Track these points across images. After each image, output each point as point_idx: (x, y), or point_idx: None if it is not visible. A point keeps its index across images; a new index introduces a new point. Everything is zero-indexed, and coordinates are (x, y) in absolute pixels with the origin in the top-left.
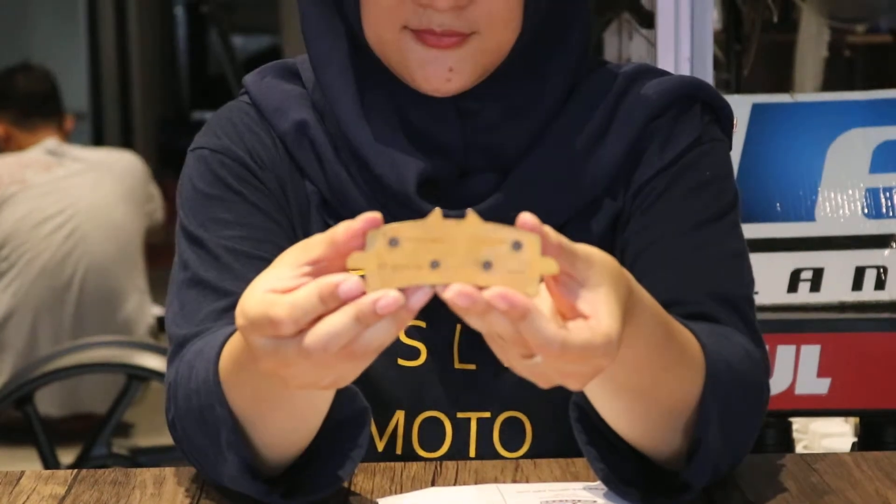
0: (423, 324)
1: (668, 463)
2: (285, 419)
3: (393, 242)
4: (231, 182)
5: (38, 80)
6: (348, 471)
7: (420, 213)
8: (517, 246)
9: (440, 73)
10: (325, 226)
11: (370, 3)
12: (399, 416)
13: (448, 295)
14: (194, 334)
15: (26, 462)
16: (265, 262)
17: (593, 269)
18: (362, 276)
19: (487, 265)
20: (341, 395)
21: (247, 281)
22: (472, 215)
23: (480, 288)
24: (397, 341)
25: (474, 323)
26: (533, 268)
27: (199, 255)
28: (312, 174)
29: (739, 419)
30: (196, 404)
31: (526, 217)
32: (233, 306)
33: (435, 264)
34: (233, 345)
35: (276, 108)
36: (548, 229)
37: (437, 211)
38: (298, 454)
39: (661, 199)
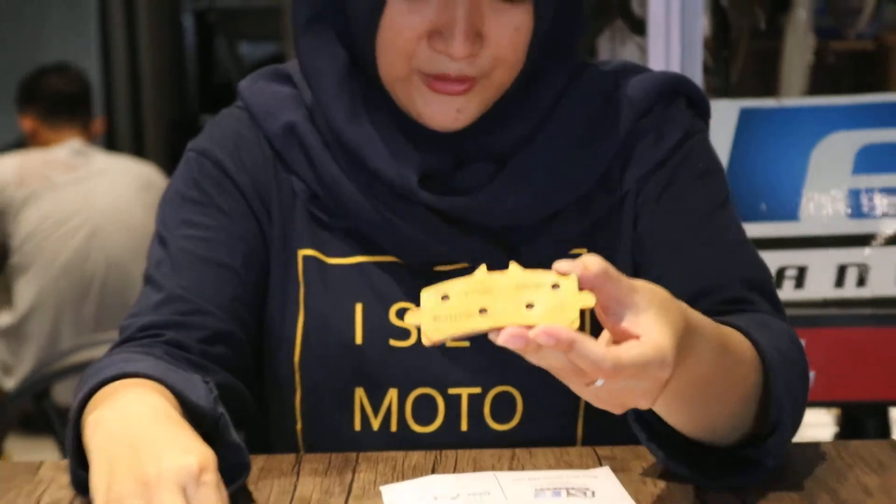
0: (412, 306)
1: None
2: None
3: (444, 298)
4: (205, 186)
5: (69, 80)
6: None
7: (421, 204)
8: (556, 287)
9: (448, 115)
10: (311, 217)
11: (385, 45)
12: (392, 394)
13: (501, 340)
14: (127, 326)
15: (45, 452)
16: (212, 263)
17: (639, 294)
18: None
19: (530, 306)
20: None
21: (188, 280)
22: (514, 266)
23: (528, 327)
24: (388, 323)
25: (534, 360)
26: (572, 303)
27: (159, 253)
28: (301, 172)
29: (798, 397)
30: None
31: (560, 265)
32: (167, 300)
33: (483, 311)
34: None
35: (266, 111)
36: (590, 262)
37: (483, 267)
38: None
39: (668, 192)
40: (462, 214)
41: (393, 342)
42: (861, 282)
